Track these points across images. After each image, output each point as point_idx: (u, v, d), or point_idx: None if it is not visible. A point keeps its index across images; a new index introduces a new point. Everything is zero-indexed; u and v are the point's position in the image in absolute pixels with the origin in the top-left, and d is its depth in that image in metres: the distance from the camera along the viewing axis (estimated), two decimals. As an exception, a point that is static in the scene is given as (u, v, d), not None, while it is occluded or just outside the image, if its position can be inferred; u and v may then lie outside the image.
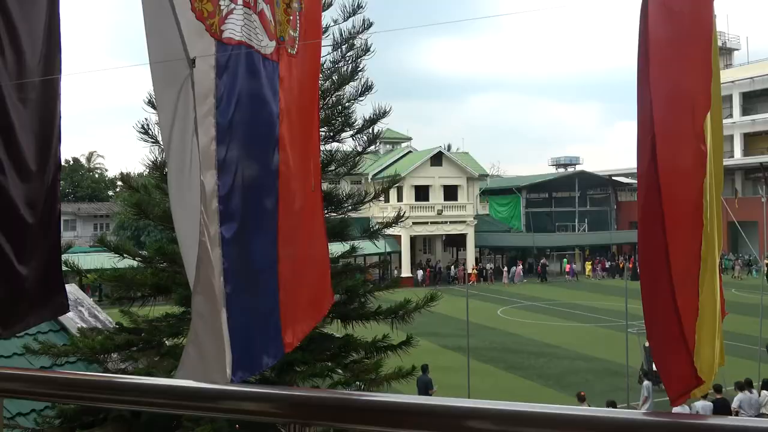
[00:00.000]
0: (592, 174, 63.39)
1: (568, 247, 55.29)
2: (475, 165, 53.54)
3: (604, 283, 45.40)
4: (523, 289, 42.87)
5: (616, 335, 25.25)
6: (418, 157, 48.49)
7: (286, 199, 2.86)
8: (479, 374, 19.25)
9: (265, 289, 2.78)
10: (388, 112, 10.12)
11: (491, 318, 30.66)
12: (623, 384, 16.81)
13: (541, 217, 61.69)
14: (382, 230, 10.72)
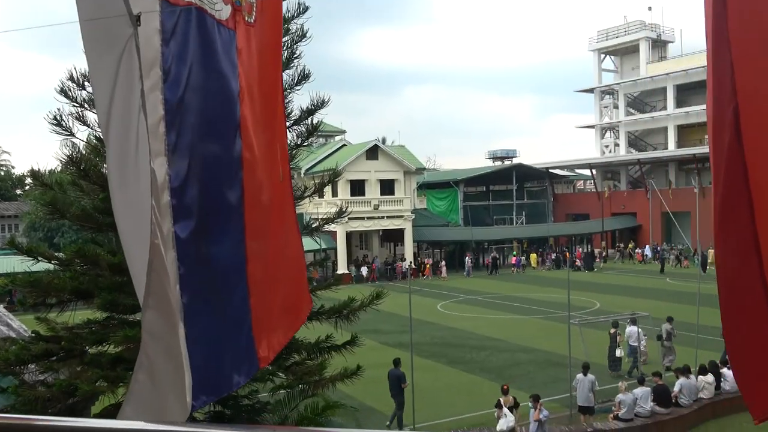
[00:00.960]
0: (529, 167, 64.88)
1: (507, 240, 56.52)
2: (412, 158, 53.86)
3: (547, 275, 46.59)
4: (462, 282, 43.52)
5: (558, 326, 25.97)
6: (354, 150, 48.43)
7: (252, 190, 2.61)
8: (422, 370, 19.40)
9: (233, 294, 2.49)
10: (327, 102, 10.03)
11: (431, 313, 31.00)
12: (565, 375, 17.29)
13: (479, 210, 62.67)
14: (323, 226, 10.65)
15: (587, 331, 19.57)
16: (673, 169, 61.85)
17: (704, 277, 21.54)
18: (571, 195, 72.52)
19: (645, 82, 64.92)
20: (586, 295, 34.49)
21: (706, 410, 15.70)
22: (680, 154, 58.85)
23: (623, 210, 61.85)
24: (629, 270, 49.14)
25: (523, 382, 18.83)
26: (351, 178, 46.02)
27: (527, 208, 65.76)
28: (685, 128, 62.92)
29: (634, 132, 67.12)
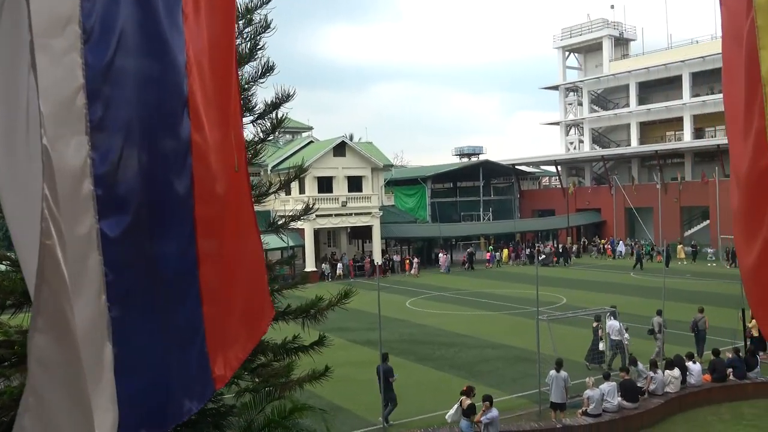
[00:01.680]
0: (495, 163, 65.19)
1: (474, 236, 56.71)
2: (380, 155, 53.66)
3: (514, 270, 46.78)
4: (431, 279, 43.48)
5: (526, 322, 26.02)
6: (321, 147, 48.01)
7: (204, 179, 2.23)
8: (391, 369, 19.22)
9: (182, 304, 2.12)
10: (293, 95, 9.70)
11: (399, 310, 30.84)
12: (534, 370, 17.23)
13: (446, 207, 62.75)
14: (289, 223, 10.33)
15: (555, 327, 19.56)
16: (635, 166, 62.70)
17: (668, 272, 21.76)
18: (537, 191, 73.08)
19: (608, 79, 65.67)
20: (552, 290, 34.67)
21: (673, 404, 15.78)
22: (642, 150, 59.67)
23: (588, 206, 62.51)
24: (604, 266, 49.61)
25: (492, 379, 18.75)
26: (318, 175, 45.62)
27: (494, 204, 66.07)
28: (647, 125, 63.83)
29: (597, 129, 67.86)
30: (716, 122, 58.55)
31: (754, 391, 16.73)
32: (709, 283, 36.75)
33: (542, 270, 40.18)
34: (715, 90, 58.49)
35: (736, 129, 2.60)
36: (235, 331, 2.43)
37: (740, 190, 2.56)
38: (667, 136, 62.03)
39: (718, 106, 57.01)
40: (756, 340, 19.75)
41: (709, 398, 16.43)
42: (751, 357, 17.61)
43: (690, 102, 58.67)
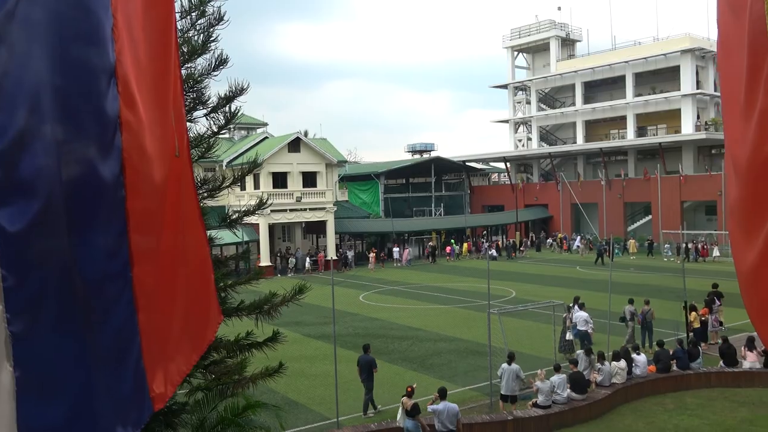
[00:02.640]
0: (446, 160, 65.49)
1: (426, 231, 56.87)
2: (334, 151, 53.27)
3: (465, 264, 47.08)
4: (385, 273, 43.41)
5: (477, 315, 26.15)
6: (276, 142, 47.37)
7: (137, 164, 1.89)
8: (345, 361, 19.00)
9: (112, 313, 1.79)
10: (246, 89, 9.39)
11: (353, 304, 30.66)
12: (485, 363, 17.26)
13: (399, 202, 62.79)
14: (243, 218, 10.02)
15: (505, 320, 19.69)
16: (581, 163, 63.87)
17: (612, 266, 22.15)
18: (486, 187, 73.76)
19: (555, 79, 66.65)
20: (502, 284, 34.99)
21: (619, 395, 16.00)
22: (588, 148, 60.81)
23: (536, 201, 63.42)
24: (552, 260, 50.29)
25: (445, 371, 18.73)
26: (273, 171, 45.02)
27: (445, 199, 66.42)
28: (592, 123, 65.04)
29: (545, 127, 68.86)
30: (658, 121, 60.08)
31: (696, 381, 17.11)
32: (651, 276, 37.63)
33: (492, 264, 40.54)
34: (657, 90, 59.98)
35: (735, 110, 2.31)
36: (177, 341, 2.11)
37: (740, 180, 2.27)
38: (611, 135, 63.32)
39: (659, 106, 58.49)
40: (697, 332, 20.24)
41: (653, 388, 16.73)
42: (694, 348, 18.01)
43: (633, 101, 60.01)
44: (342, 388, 15.61)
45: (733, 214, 2.37)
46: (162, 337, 1.97)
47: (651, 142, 56.39)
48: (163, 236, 2.06)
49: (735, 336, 20.02)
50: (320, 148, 48.06)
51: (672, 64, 57.38)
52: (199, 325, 2.35)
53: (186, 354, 2.20)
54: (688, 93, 55.87)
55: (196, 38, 8.72)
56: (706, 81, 57.65)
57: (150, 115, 1.98)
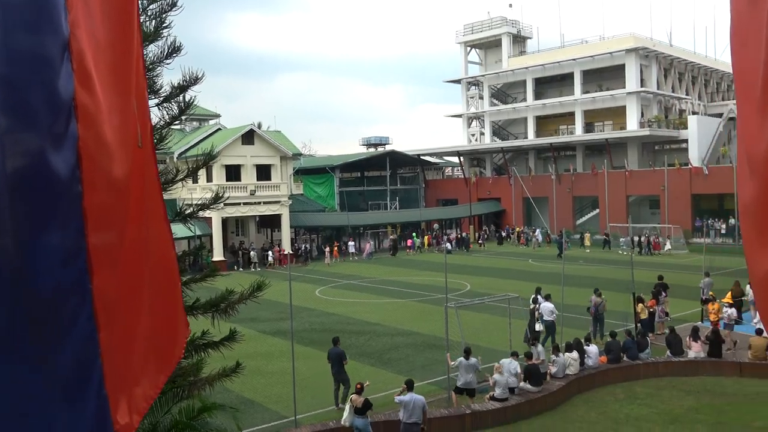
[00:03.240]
0: (401, 153, 65.47)
1: (381, 224, 56.75)
2: (289, 144, 52.63)
3: (421, 258, 47.11)
4: (341, 267, 43.11)
5: (434, 309, 26.11)
6: (229, 134, 46.46)
7: (96, 156, 1.63)
8: (301, 358, 18.72)
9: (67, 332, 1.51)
10: (201, 78, 8.95)
11: (309, 299, 30.28)
12: (443, 357, 17.18)
13: (354, 196, 62.52)
14: (198, 212, 9.59)
15: (462, 314, 19.62)
16: (532, 157, 64.69)
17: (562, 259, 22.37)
18: (441, 181, 74.09)
19: (507, 74, 67.24)
20: (457, 277, 35.09)
21: (573, 386, 16.13)
22: (538, 143, 61.62)
23: (489, 195, 63.96)
24: (506, 253, 50.72)
25: (402, 366, 18.59)
26: (227, 163, 44.15)
27: (400, 193, 66.45)
28: (542, 119, 65.91)
29: (497, 122, 69.46)
30: (604, 117, 61.25)
31: (645, 371, 17.39)
32: (604, 269, 38.31)
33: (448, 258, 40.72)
34: (603, 87, 61.11)
35: (751, 104, 2.11)
36: (143, 362, 1.83)
37: (756, 178, 2.06)
38: (561, 130, 64.30)
39: (605, 103, 59.64)
40: (645, 323, 20.60)
41: (605, 379, 16.93)
42: (642, 339, 18.31)
43: (581, 98, 61.02)
44: (299, 386, 15.30)
45: (747, 214, 2.16)
46: (126, 357, 1.70)
47: (598, 138, 57.49)
48: (125, 238, 1.78)
49: (680, 326, 20.45)
50: (275, 141, 47.39)
51: (617, 62, 58.54)
52: (167, 341, 2.07)
53: (152, 376, 1.92)
54: (632, 91, 57.10)
55: (148, 24, 8.26)
56: (650, 79, 59.07)
57: (109, 101, 1.70)
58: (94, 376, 1.54)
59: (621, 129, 58.07)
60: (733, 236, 47.98)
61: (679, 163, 51.69)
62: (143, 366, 1.85)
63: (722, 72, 68.89)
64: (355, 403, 12.73)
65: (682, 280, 30.67)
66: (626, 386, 16.67)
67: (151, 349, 1.94)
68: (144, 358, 1.87)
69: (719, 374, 17.21)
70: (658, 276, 24.18)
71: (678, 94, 61.59)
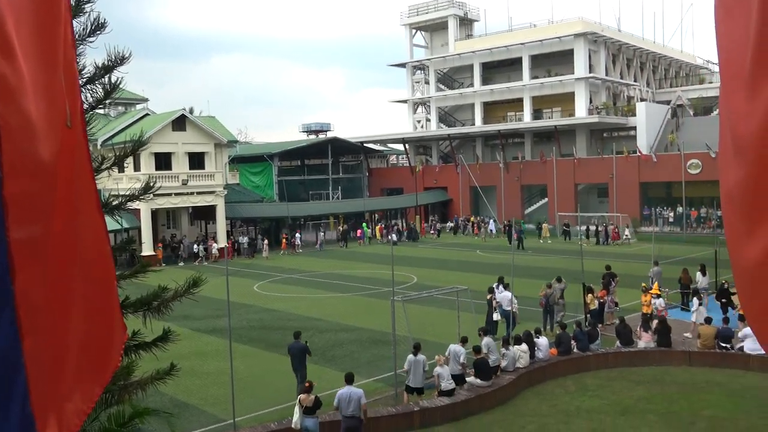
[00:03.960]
0: (344, 140, 65.31)
1: (323, 215, 56.58)
2: (223, 130, 51.78)
3: (365, 250, 47.15)
4: (280, 261, 42.79)
5: (379, 303, 26.19)
6: (159, 120, 45.35)
7: (17, 136, 1.49)
8: (239, 356, 18.52)
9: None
10: (128, 58, 8.65)
11: (247, 294, 29.96)
12: (389, 352, 17.26)
13: (294, 185, 62.10)
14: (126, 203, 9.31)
15: (409, 307, 19.76)
16: (480, 145, 65.55)
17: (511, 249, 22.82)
18: (385, 169, 74.29)
19: (453, 58, 67.79)
20: (403, 269, 35.30)
21: (523, 380, 16.46)
22: (486, 130, 62.46)
23: (435, 184, 64.51)
24: (453, 244, 51.20)
25: (347, 363, 18.58)
26: (156, 151, 43.10)
27: (343, 182, 66.34)
28: (490, 105, 66.77)
29: (444, 108, 70.01)
30: (553, 104, 62.55)
31: (595, 362, 17.91)
32: (551, 259, 39.19)
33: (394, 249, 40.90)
34: (552, 73, 62.36)
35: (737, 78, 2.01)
36: (75, 372, 1.70)
37: (742, 160, 1.97)
38: (509, 117, 65.30)
39: (554, 89, 60.86)
40: (594, 313, 21.20)
41: (555, 371, 17.35)
42: (592, 330, 18.85)
43: (529, 84, 62.08)
44: (238, 386, 15.12)
45: (731, 200, 2.12)
46: (55, 368, 1.57)
47: (546, 125, 58.73)
48: (53, 232, 1.63)
49: (629, 316, 21.13)
50: (208, 127, 46.56)
51: (566, 47, 59.81)
52: (103, 348, 1.93)
53: (86, 388, 1.79)
54: (581, 77, 58.46)
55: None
56: (598, 65, 60.58)
57: (34, 72, 1.56)
58: (17, 391, 1.41)
59: (570, 116, 59.43)
60: (681, 224, 49.86)
61: (628, 151, 53.24)
62: (76, 377, 1.72)
63: (670, 59, 71.30)
64: (305, 403, 12.67)
65: (631, 270, 31.68)
66: (577, 378, 17.13)
67: (85, 357, 1.81)
68: (77, 368, 1.74)
69: (669, 364, 17.88)
70: (606, 266, 24.91)
71: (626, 81, 63.40)
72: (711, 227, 47.72)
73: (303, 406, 12.70)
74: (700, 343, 18.26)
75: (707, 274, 24.41)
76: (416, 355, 15.04)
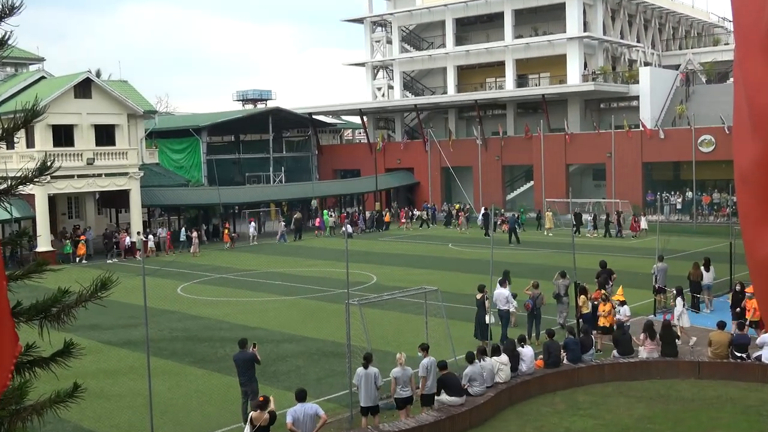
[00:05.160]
0: (288, 112, 65.13)
1: (263, 202, 56.40)
2: (138, 98, 51.21)
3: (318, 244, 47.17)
4: (212, 257, 42.58)
5: (332, 308, 26.30)
6: (57, 84, 44.62)
7: None
8: (159, 374, 18.48)
9: None
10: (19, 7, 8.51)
11: (169, 298, 29.81)
12: (343, 367, 17.37)
13: (227, 166, 61.84)
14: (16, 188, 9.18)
15: (368, 312, 19.92)
16: (453, 117, 66.02)
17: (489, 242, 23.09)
18: (338, 147, 74.38)
19: (421, 13, 68.00)
20: (361, 267, 35.45)
21: (503, 397, 16.71)
22: (460, 99, 62.89)
23: (399, 165, 64.80)
24: (420, 236, 51.45)
25: (292, 380, 18.66)
26: (54, 123, 42.37)
27: (287, 162, 66.24)
28: (465, 70, 67.21)
29: (410, 72, 70.22)
30: (540, 68, 63.17)
31: (588, 375, 18.28)
32: (537, 254, 39.73)
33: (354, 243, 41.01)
34: (539, 32, 63.02)
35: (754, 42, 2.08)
36: None
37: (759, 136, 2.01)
38: (488, 84, 65.83)
39: (542, 50, 61.51)
40: (587, 318, 21.56)
41: (542, 386, 17.67)
42: (586, 337, 19.21)
43: (512, 44, 62.57)
44: (158, 410, 15.08)
45: (746, 183, 2.16)
46: None
47: (533, 93, 59.29)
48: None
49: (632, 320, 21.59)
50: (119, 94, 45.98)
51: (556, 0, 60.28)
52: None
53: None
54: (574, 36, 59.14)
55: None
56: (594, 22, 61.26)
57: None
58: None
59: (560, 83, 60.18)
60: (690, 212, 51.00)
61: (629, 125, 54.12)
62: None
63: (680, 15, 72.56)
64: (258, 422, 12.76)
65: (631, 266, 32.38)
66: (567, 394, 17.48)
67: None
68: None
69: (674, 376, 18.34)
70: (600, 262, 25.35)
71: (628, 42, 64.28)
72: (726, 215, 48.80)
73: (255, 426, 12.77)
74: (711, 352, 18.77)
75: (711, 270, 25.20)
76: (367, 368, 15.12)
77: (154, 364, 16.69)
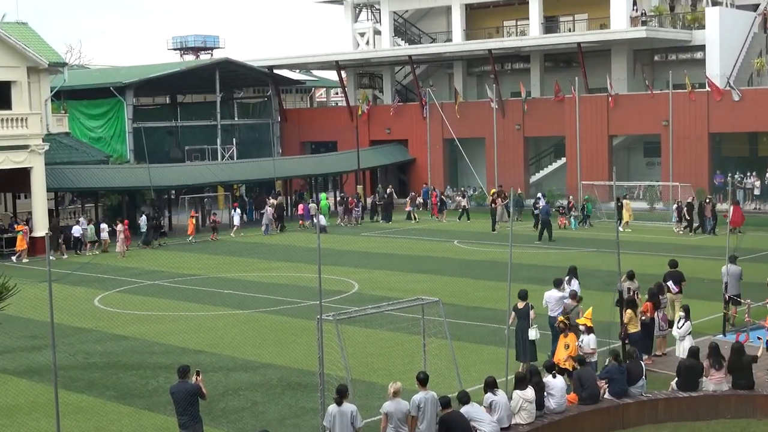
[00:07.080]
0: (241, 65, 64.84)
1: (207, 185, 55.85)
2: (43, 46, 51.11)
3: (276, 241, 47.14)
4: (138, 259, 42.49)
5: (299, 324, 26.32)
6: (-67, 28, 44.44)
7: None
8: (72, 413, 18.47)
9: None
10: None
11: (84, 313, 29.74)
12: (314, 403, 17.37)
13: (160, 136, 61.60)
14: None
15: (346, 330, 19.89)
16: (460, 73, 65.76)
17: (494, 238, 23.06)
18: (308, 111, 74.25)
19: (419, -67, 67.71)
20: (341, 271, 35.43)
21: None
22: (470, 50, 62.62)
23: (389, 136, 64.62)
24: (414, 231, 51.48)
25: (247, 420, 18.69)
26: (-71, 80, 42.28)
27: (241, 132, 66.12)
28: (475, 10, 66.96)
29: (402, 13, 69.93)
30: (575, 9, 62.91)
31: (637, 414, 18.27)
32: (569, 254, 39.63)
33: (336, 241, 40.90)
34: (575, -41, 62.80)
35: None
36: None
37: None
38: (506, 28, 65.59)
39: (578, -15, 61.32)
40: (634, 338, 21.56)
41: (575, 429, 17.69)
42: (633, 363, 19.20)
43: (539, -24, 62.34)
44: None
45: None
46: None
47: (565, 42, 58.98)
48: None
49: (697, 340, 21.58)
50: (17, 41, 45.78)
51: None
52: None
53: None
54: (620, -36, 58.86)
55: None
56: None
57: None
58: None
59: (602, 28, 59.94)
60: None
61: (692, 84, 53.91)
62: None
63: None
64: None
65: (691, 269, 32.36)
66: (608, 439, 17.53)
67: None
68: None
69: (749, 415, 18.37)
70: (670, 262, 25.02)
71: (690, -27, 64.14)
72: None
73: None
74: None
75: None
76: (341, 405, 15.07)
77: (64, 399, 16.68)
